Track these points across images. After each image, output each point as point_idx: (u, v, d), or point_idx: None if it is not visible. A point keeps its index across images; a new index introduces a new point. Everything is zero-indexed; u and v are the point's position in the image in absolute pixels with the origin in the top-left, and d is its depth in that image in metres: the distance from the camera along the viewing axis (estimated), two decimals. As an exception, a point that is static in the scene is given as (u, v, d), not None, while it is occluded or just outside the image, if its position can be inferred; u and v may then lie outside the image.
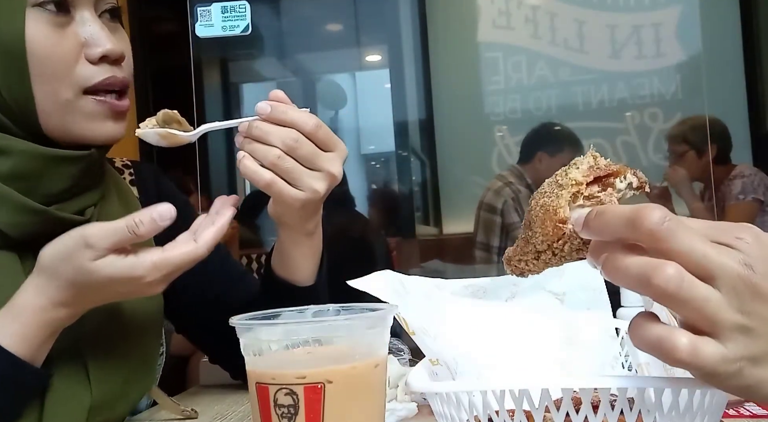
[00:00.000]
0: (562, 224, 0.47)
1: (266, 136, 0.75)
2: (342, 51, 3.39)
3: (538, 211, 0.49)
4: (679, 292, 0.40)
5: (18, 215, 0.72)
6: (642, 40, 3.00)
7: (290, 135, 0.75)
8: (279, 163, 0.75)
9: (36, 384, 0.69)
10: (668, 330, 0.42)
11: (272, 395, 0.48)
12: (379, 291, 0.71)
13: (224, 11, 2.06)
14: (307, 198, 0.77)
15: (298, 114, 0.76)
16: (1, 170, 0.71)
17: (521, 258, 0.51)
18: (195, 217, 0.99)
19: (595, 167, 0.49)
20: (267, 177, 0.75)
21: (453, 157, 3.25)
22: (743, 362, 0.41)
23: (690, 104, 2.91)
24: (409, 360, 1.01)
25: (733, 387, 0.43)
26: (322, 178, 0.77)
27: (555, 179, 0.50)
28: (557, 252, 0.49)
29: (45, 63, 0.72)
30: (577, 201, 0.48)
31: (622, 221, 0.43)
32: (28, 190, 0.72)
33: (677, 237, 0.41)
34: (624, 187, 0.50)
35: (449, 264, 2.79)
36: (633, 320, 0.44)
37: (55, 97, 0.73)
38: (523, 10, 3.11)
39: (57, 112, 0.74)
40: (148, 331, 0.84)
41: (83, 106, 0.75)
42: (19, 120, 0.73)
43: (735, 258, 0.41)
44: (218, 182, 3.50)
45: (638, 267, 0.42)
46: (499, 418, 0.50)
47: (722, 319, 0.41)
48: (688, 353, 0.41)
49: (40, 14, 0.72)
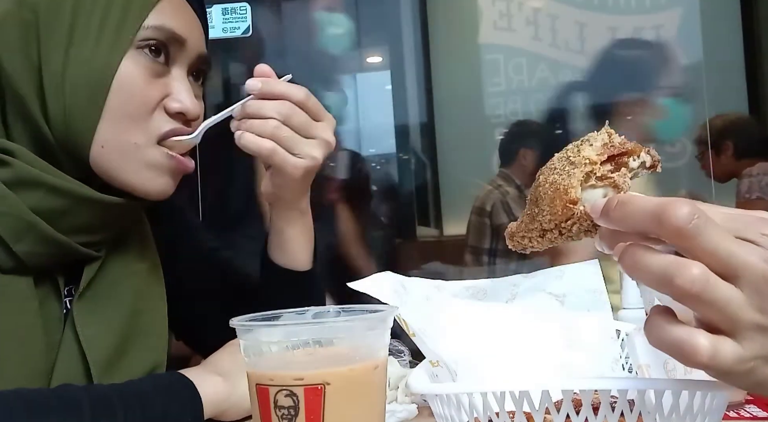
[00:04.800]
0: (572, 205, 0.45)
1: (261, 110, 0.78)
2: (343, 53, 3.39)
3: (547, 189, 0.47)
4: (702, 294, 0.39)
5: (40, 246, 0.70)
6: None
7: (284, 105, 0.78)
8: (278, 132, 0.78)
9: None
10: (687, 331, 0.41)
11: (272, 396, 0.48)
12: (380, 293, 0.71)
13: (225, 13, 2.06)
14: (307, 165, 0.80)
15: (287, 86, 0.79)
16: (28, 203, 0.70)
17: (525, 235, 0.49)
18: (195, 223, 0.99)
19: (609, 145, 0.47)
20: (269, 145, 0.78)
21: (454, 159, 3.26)
22: (758, 361, 0.41)
23: (691, 107, 2.91)
24: (410, 362, 1.01)
25: (744, 384, 0.42)
26: (319, 146, 0.81)
27: (566, 154, 0.47)
28: (564, 232, 0.47)
29: (127, 103, 0.71)
30: (589, 181, 0.46)
31: (646, 215, 0.41)
32: (54, 220, 0.71)
33: (704, 235, 0.40)
34: (637, 167, 0.47)
35: (449, 266, 2.79)
36: (649, 318, 0.43)
37: (125, 138, 0.72)
38: (524, 12, 3.12)
39: (119, 153, 0.72)
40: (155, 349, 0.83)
41: (152, 155, 0.74)
42: (69, 148, 0.71)
43: (760, 256, 0.40)
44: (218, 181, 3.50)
45: (661, 265, 0.40)
46: (500, 419, 0.50)
47: (742, 319, 0.40)
48: (709, 357, 0.40)
49: (141, 57, 0.72)
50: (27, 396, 0.63)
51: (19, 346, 0.70)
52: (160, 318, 0.84)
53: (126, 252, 0.81)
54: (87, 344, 0.73)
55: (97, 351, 0.74)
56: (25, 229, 0.69)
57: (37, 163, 0.71)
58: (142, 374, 0.77)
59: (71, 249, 0.72)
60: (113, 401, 0.66)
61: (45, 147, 0.72)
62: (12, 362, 0.69)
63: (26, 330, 0.70)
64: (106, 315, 0.76)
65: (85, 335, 0.73)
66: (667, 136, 2.16)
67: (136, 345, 0.79)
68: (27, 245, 0.70)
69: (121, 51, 0.71)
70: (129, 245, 0.81)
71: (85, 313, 0.75)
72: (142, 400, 0.67)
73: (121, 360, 0.77)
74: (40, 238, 0.70)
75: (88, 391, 0.66)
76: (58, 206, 0.71)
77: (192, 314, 0.95)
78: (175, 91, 0.75)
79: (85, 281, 0.75)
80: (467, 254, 2.65)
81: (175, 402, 0.70)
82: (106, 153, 0.72)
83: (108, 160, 0.73)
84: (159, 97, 0.74)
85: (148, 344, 0.81)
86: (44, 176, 0.70)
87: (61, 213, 0.71)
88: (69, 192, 0.71)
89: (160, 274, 0.85)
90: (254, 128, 0.78)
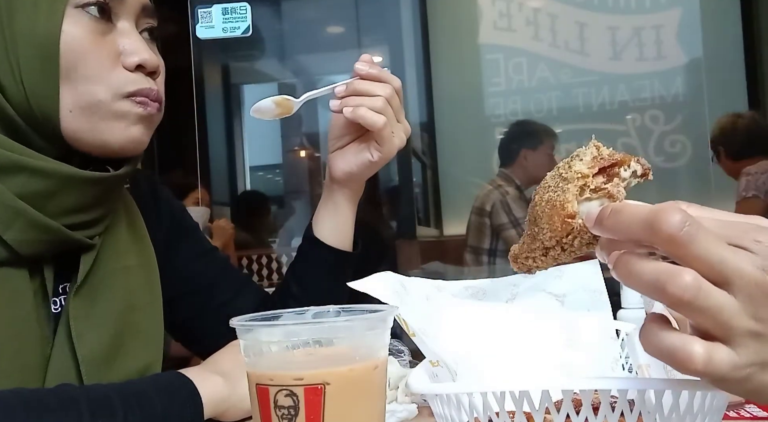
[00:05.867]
0: (570, 219, 0.46)
1: (372, 89, 0.87)
2: (343, 52, 3.39)
3: (544, 207, 0.47)
4: (694, 301, 0.39)
5: (30, 231, 0.70)
6: (643, 42, 3.00)
7: (388, 88, 0.88)
8: (386, 109, 0.87)
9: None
10: (681, 339, 0.41)
11: (272, 396, 0.48)
12: (380, 293, 0.71)
13: (225, 13, 2.06)
14: (400, 145, 0.90)
15: (388, 72, 0.89)
16: (12, 189, 0.69)
17: (528, 256, 0.50)
18: (193, 224, 1.00)
19: (598, 158, 0.47)
20: (383, 118, 0.86)
21: (454, 159, 3.26)
22: (753, 368, 0.41)
23: (691, 106, 2.92)
24: (410, 362, 1.01)
25: (740, 390, 0.42)
26: (404, 131, 0.91)
27: (558, 172, 0.48)
28: (566, 247, 0.47)
29: (80, 64, 0.71)
30: (584, 194, 0.46)
31: (639, 223, 0.41)
32: (41, 204, 0.70)
33: (696, 242, 0.40)
34: (628, 176, 0.48)
35: (449, 266, 2.80)
36: (644, 325, 0.43)
37: (89, 98, 0.71)
38: (524, 12, 3.12)
39: (85, 112, 0.72)
40: (149, 347, 0.83)
41: (119, 107, 0.73)
42: (39, 122, 0.71)
43: (753, 263, 0.40)
44: (218, 181, 3.51)
45: (653, 273, 0.40)
46: (500, 419, 0.50)
47: (736, 326, 0.40)
48: (703, 364, 0.40)
49: (81, 17, 0.71)
50: (25, 395, 0.63)
51: (14, 339, 0.69)
52: (155, 315, 0.83)
53: (120, 248, 0.80)
54: (78, 341, 0.73)
55: (89, 347, 0.73)
56: (12, 216, 0.69)
57: (15, 148, 0.70)
58: (136, 371, 0.77)
59: (62, 234, 0.72)
60: (113, 400, 0.65)
61: (16, 130, 0.71)
62: (6, 355, 0.68)
63: (21, 323, 0.70)
64: (100, 311, 0.76)
65: (77, 331, 0.73)
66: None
67: (130, 342, 0.78)
68: (16, 232, 0.69)
69: (59, 14, 0.70)
70: (123, 240, 0.81)
71: (79, 308, 0.74)
72: (142, 400, 0.67)
73: (115, 357, 0.76)
74: (29, 224, 0.69)
75: (87, 391, 0.66)
76: (43, 189, 0.70)
77: (189, 314, 0.95)
78: (126, 45, 0.74)
79: (82, 272, 0.75)
80: (467, 254, 2.66)
81: (175, 402, 0.70)
82: (75, 116, 0.72)
83: (79, 122, 0.72)
84: (112, 55, 0.73)
85: (142, 341, 0.80)
86: (24, 159, 0.69)
87: (47, 195, 0.70)
88: (51, 173, 0.70)
89: (155, 271, 0.85)
90: (366, 103, 0.86)
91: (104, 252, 0.78)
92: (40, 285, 0.74)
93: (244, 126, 3.66)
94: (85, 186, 0.72)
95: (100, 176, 0.73)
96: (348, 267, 0.95)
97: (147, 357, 0.80)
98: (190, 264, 0.95)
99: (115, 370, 0.75)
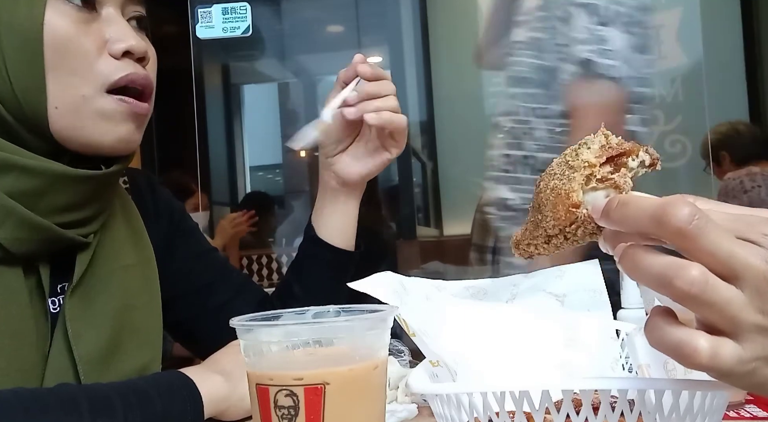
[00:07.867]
0: (575, 209, 0.45)
1: (380, 90, 0.89)
2: (343, 52, 3.39)
3: (549, 195, 0.46)
4: (701, 295, 0.39)
5: (21, 230, 0.69)
6: (643, 42, 2.99)
7: (390, 84, 0.91)
8: (397, 107, 0.90)
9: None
10: (687, 333, 0.41)
11: (272, 396, 0.48)
12: (380, 293, 0.71)
13: (225, 12, 2.06)
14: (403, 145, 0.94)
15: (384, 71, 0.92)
16: (2, 187, 0.68)
17: (530, 242, 0.49)
18: (192, 224, 1.00)
19: (607, 147, 0.46)
20: (405, 117, 0.91)
21: (454, 159, 3.26)
22: (759, 362, 0.40)
23: (691, 107, 2.91)
24: (410, 362, 1.01)
25: (744, 385, 0.42)
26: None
27: (565, 159, 0.47)
28: (569, 236, 0.47)
29: (64, 56, 0.70)
30: (590, 183, 0.46)
31: (646, 215, 0.41)
32: (32, 203, 0.70)
33: (705, 236, 0.39)
34: (636, 166, 0.47)
35: (449, 266, 2.79)
36: (649, 319, 0.43)
37: (73, 92, 0.70)
38: (524, 12, 3.11)
39: (71, 109, 0.71)
40: (147, 346, 0.82)
41: (103, 104, 0.72)
42: (28, 119, 0.70)
43: (761, 256, 0.40)
44: (218, 181, 3.51)
45: (660, 266, 0.40)
46: (500, 419, 0.50)
47: (743, 320, 0.40)
48: (709, 358, 0.40)
49: (64, 6, 0.70)
50: (25, 395, 0.63)
51: (10, 338, 0.69)
52: (154, 314, 0.83)
53: (118, 247, 0.80)
54: (75, 340, 0.73)
55: (87, 347, 0.73)
56: (3, 215, 0.68)
57: (5, 146, 0.69)
58: (134, 370, 0.77)
59: (54, 232, 0.71)
60: (113, 400, 0.65)
61: (6, 129, 0.70)
62: (3, 353, 0.68)
63: (16, 322, 0.70)
64: (97, 310, 0.76)
65: (75, 330, 0.73)
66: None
67: (128, 341, 0.78)
68: (8, 231, 0.69)
69: (41, 4, 0.69)
70: (121, 239, 0.81)
71: (76, 308, 0.74)
72: (142, 399, 0.67)
73: (113, 356, 0.76)
74: (20, 223, 0.69)
75: (86, 390, 0.66)
76: (33, 187, 0.69)
77: (188, 314, 0.95)
78: (111, 32, 0.73)
79: (78, 272, 0.74)
80: (471, 252, 2.64)
81: (175, 401, 0.70)
82: (62, 114, 0.71)
83: (65, 121, 0.71)
84: (97, 44, 0.72)
85: (140, 340, 0.80)
86: (13, 158, 0.69)
87: (38, 194, 0.70)
88: (41, 171, 0.70)
89: (154, 271, 0.85)
90: (383, 105, 0.88)
91: (101, 251, 0.78)
92: (36, 284, 0.73)
93: (244, 126, 3.66)
94: (76, 184, 0.72)
95: (91, 174, 0.73)
96: (351, 267, 0.95)
97: (145, 357, 0.80)
98: (189, 264, 0.95)
99: (113, 369, 0.75)
